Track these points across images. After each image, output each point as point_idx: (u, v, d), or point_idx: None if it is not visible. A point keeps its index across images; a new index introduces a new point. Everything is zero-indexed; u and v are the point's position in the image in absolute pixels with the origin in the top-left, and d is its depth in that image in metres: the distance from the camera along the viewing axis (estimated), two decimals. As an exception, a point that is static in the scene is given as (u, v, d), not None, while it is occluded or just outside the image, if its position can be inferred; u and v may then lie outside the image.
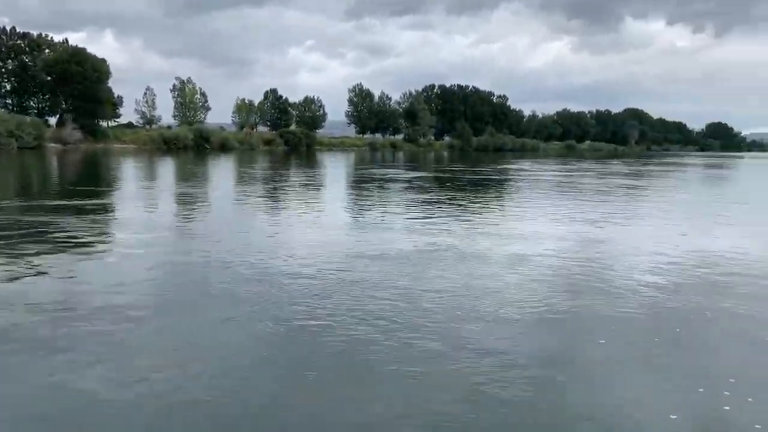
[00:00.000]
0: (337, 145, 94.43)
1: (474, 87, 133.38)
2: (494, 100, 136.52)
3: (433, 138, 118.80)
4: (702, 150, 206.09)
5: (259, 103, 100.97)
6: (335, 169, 39.00)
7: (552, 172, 37.66)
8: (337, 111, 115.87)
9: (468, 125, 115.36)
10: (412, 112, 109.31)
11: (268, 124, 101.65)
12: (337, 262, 8.71)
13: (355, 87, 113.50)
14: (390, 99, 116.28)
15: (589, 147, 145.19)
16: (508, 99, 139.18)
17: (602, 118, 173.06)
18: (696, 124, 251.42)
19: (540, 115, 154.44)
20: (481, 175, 32.90)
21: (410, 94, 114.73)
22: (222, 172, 34.32)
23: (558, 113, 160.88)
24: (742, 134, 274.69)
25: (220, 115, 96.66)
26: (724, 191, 28.63)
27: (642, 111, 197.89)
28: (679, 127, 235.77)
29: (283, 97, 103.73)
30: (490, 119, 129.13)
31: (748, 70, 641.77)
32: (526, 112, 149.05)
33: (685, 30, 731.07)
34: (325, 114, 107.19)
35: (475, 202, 18.07)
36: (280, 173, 32.06)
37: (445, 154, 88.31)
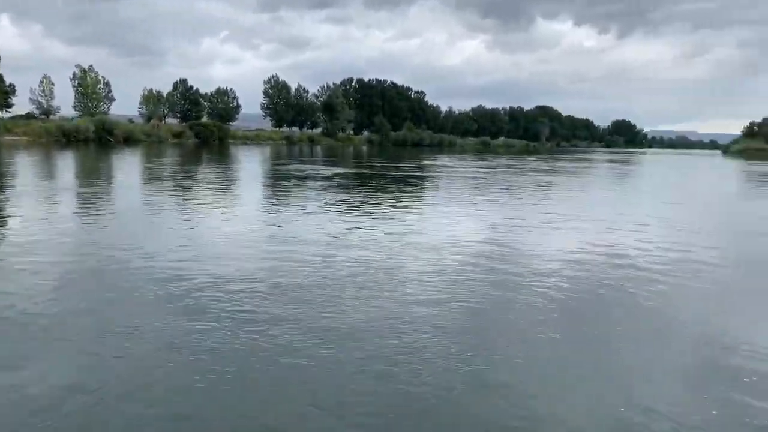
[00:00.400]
0: (252, 139, 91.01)
1: (392, 82, 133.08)
2: (412, 96, 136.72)
3: (352, 132, 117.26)
4: (608, 146, 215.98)
5: (168, 93, 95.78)
6: (249, 165, 36.60)
7: (475, 169, 36.97)
8: (252, 104, 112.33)
9: (386, 120, 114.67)
10: (330, 106, 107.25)
11: (178, 116, 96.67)
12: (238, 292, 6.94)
13: (270, 79, 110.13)
14: (307, 92, 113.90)
15: (504, 143, 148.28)
16: (425, 95, 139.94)
17: (515, 115, 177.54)
18: (602, 122, 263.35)
19: (457, 112, 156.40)
20: (405, 172, 31.64)
21: (328, 87, 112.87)
22: (121, 166, 31.21)
23: (473, 110, 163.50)
24: (644, 131, 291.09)
25: (129, 106, 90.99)
26: (642, 186, 29.14)
27: (552, 108, 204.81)
28: (587, 125, 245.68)
29: (194, 88, 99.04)
30: (408, 114, 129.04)
31: (648, 70, 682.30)
32: (443, 108, 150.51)
33: (592, 31, 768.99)
34: (238, 106, 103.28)
35: (401, 203, 16.60)
36: (186, 169, 29.45)
37: (365, 148, 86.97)
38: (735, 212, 18.70)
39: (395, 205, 15.51)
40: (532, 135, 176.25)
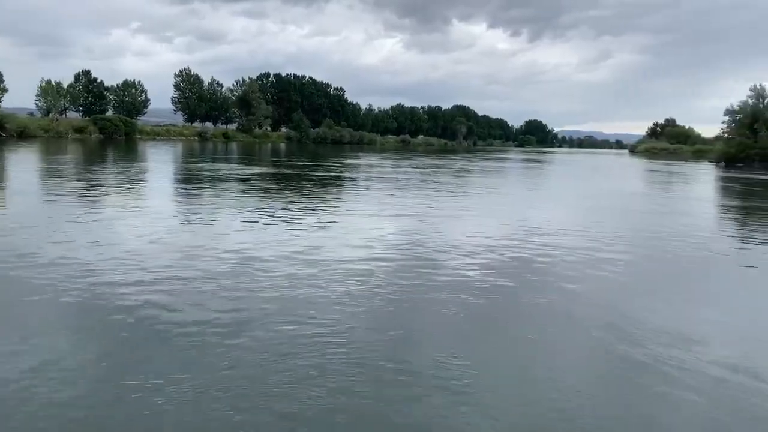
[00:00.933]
0: (162, 134, 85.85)
1: (311, 78, 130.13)
2: (331, 92, 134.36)
3: (269, 129, 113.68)
4: (521, 145, 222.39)
5: (69, 85, 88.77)
6: (155, 164, 33.37)
7: (404, 169, 35.48)
8: (165, 98, 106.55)
9: (305, 117, 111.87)
10: (246, 101, 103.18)
11: (81, 109, 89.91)
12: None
13: (182, 71, 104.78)
14: (221, 86, 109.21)
15: (423, 141, 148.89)
16: (345, 91, 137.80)
17: (434, 114, 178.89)
18: (515, 121, 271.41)
19: (376, 110, 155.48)
20: (330, 171, 29.68)
21: (243, 81, 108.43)
22: (4, 165, 27.42)
23: (393, 108, 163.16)
24: (554, 131, 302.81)
25: (29, 99, 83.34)
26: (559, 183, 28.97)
27: (469, 108, 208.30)
28: (501, 124, 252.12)
29: (98, 80, 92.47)
30: (327, 111, 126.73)
31: (556, 73, 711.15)
32: (363, 106, 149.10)
33: (504, 34, 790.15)
34: (147, 99, 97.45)
35: (323, 209, 14.68)
36: (83, 168, 26.21)
37: (283, 146, 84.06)
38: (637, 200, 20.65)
39: (317, 210, 13.62)
40: (450, 134, 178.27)
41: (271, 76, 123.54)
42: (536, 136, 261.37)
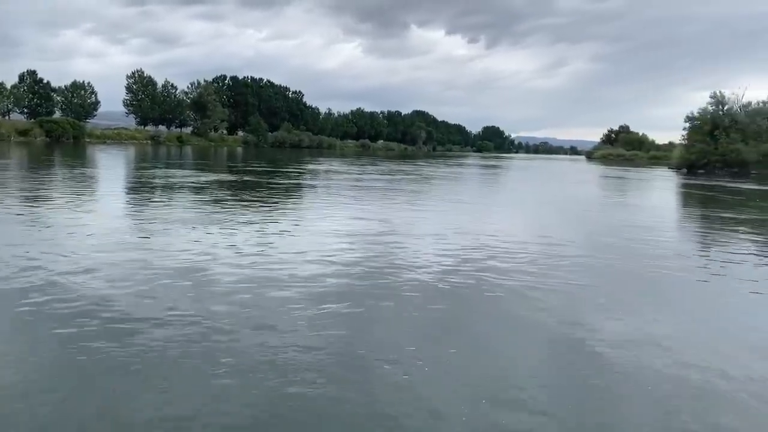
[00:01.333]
0: (113, 138, 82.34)
1: (269, 80, 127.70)
2: (290, 96, 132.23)
3: (225, 132, 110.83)
4: (479, 151, 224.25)
5: (13, 86, 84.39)
6: (102, 170, 31.09)
7: (371, 175, 34.03)
8: (117, 101, 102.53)
9: (263, 120, 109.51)
10: (201, 104, 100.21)
11: (26, 111, 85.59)
12: None
13: (134, 73, 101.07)
14: (176, 88, 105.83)
15: (383, 146, 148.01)
16: (304, 95, 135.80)
17: (393, 119, 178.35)
18: (473, 127, 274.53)
19: (336, 114, 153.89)
20: (291, 179, 28.02)
21: (198, 84, 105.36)
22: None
23: (353, 112, 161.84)
24: (511, 137, 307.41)
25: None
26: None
27: (428, 113, 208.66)
28: (460, 130, 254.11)
29: (45, 81, 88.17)
30: (286, 115, 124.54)
31: (513, 79, 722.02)
32: (323, 110, 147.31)
33: (462, 40, 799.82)
34: (97, 102, 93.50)
35: (295, 222, 13.13)
36: (21, 174, 23.93)
37: (240, 150, 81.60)
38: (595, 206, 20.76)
39: (278, 221, 12.06)
40: (409, 139, 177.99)
41: (228, 78, 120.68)
42: (494, 142, 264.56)
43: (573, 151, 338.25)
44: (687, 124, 48.72)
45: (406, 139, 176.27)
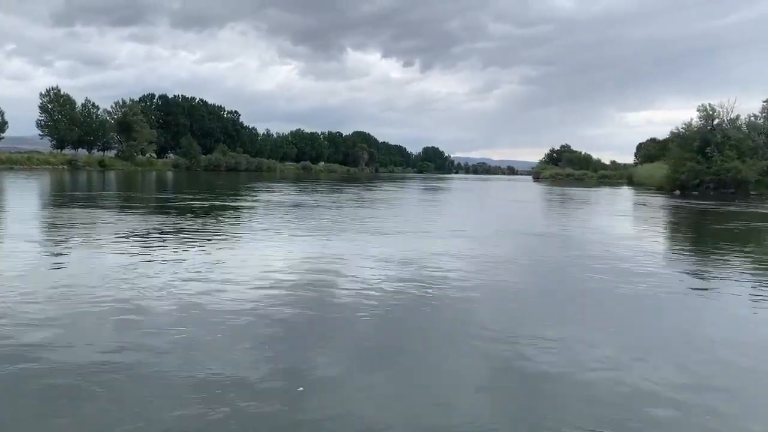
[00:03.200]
0: (21, 163, 72.43)
1: (202, 99, 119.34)
2: (225, 116, 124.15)
3: (154, 155, 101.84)
4: (420, 171, 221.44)
5: None
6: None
7: (336, 205, 27.51)
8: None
9: (195, 142, 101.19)
10: (126, 124, 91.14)
11: None
12: None
13: (48, 91, 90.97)
14: (97, 108, 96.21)
15: (325, 168, 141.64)
16: (240, 115, 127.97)
17: (334, 139, 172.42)
18: (413, 148, 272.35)
19: (275, 134, 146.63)
20: (236, 214, 21.27)
21: (124, 103, 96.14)
22: None
23: (292, 133, 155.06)
24: (451, 157, 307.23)
25: None
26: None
27: (369, 134, 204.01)
28: (401, 151, 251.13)
29: (-60, 98, 77.35)
30: (221, 136, 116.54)
31: (448, 101, 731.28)
32: (261, 131, 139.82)
33: (398, 63, 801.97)
34: (5, 122, 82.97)
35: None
36: None
37: (170, 174, 73.34)
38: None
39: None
40: (351, 160, 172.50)
41: (157, 97, 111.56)
42: (434, 163, 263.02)
43: (511, 171, 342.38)
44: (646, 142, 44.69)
45: (348, 160, 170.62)
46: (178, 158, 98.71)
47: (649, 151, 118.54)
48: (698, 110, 41.80)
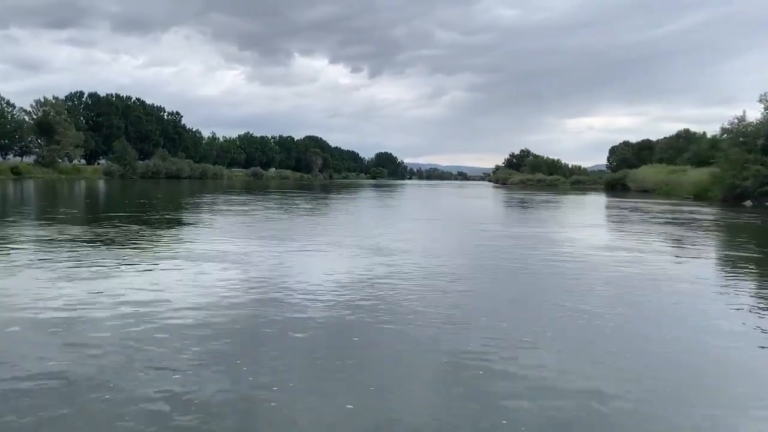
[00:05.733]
0: None
1: (138, 99, 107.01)
2: (165, 117, 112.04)
3: (82, 161, 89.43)
4: (374, 178, 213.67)
5: None
6: None
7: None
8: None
9: (131, 146, 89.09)
10: (47, 125, 78.58)
11: None
12: None
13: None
14: (12, 107, 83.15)
15: (276, 175, 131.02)
16: (182, 116, 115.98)
17: (285, 144, 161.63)
18: (366, 154, 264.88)
19: (221, 138, 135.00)
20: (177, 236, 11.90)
21: (45, 100, 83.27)
22: None
23: (241, 137, 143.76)
24: (404, 163, 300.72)
25: None
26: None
27: (321, 139, 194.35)
28: (354, 156, 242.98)
29: None
30: (161, 140, 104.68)
31: (397, 107, 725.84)
32: (206, 135, 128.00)
33: (345, 69, 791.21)
34: None
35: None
36: None
37: (102, 183, 61.72)
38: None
39: None
40: (304, 166, 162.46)
41: (86, 95, 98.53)
42: (388, 168, 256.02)
43: (463, 176, 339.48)
44: (725, 136, 36.70)
45: (300, 166, 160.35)
46: (110, 164, 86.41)
47: (624, 154, 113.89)
48: (761, 100, 34.03)
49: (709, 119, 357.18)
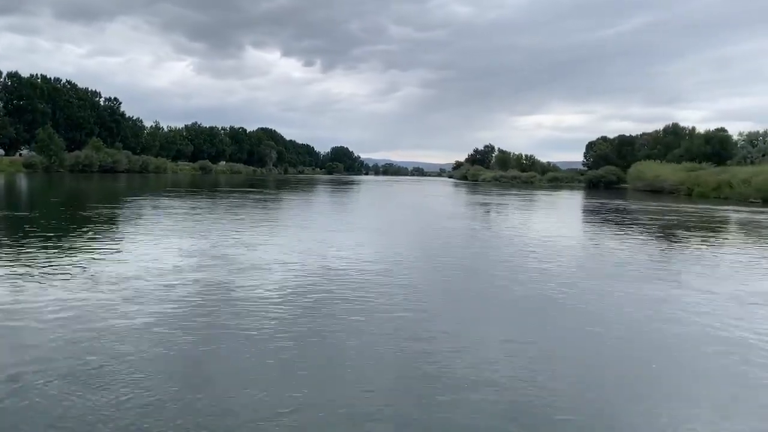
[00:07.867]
0: None
1: (69, 81, 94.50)
2: (101, 103, 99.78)
3: (1, 152, 77.23)
4: (330, 172, 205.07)
5: None
6: None
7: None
8: None
9: (58, 134, 77.16)
10: (-48, 108, 66.42)
11: None
12: None
13: None
14: None
15: (227, 168, 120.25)
16: (121, 103, 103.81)
17: (237, 136, 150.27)
18: (321, 148, 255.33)
19: (165, 128, 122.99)
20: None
21: (-48, 80, 70.74)
22: None
23: (188, 127, 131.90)
24: (360, 158, 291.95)
25: None
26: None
27: (275, 131, 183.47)
28: (309, 150, 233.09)
29: None
30: (95, 128, 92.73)
31: (351, 102, 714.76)
32: (148, 124, 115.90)
33: (298, 63, 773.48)
34: None
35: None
36: None
37: (22, 179, 50.64)
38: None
39: None
40: (257, 159, 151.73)
41: (4, 75, 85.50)
42: (344, 163, 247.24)
43: (419, 172, 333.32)
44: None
45: (253, 159, 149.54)
46: (33, 156, 74.47)
47: (602, 149, 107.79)
48: None
49: (654, 118, 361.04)
